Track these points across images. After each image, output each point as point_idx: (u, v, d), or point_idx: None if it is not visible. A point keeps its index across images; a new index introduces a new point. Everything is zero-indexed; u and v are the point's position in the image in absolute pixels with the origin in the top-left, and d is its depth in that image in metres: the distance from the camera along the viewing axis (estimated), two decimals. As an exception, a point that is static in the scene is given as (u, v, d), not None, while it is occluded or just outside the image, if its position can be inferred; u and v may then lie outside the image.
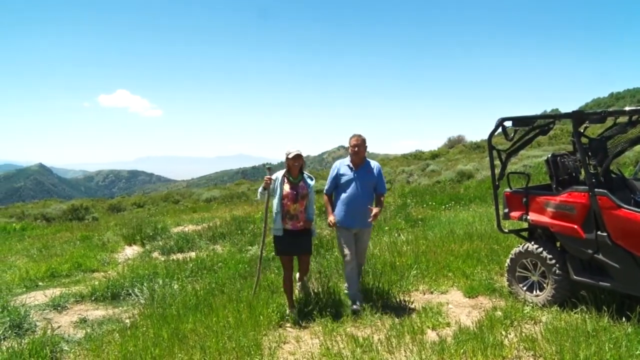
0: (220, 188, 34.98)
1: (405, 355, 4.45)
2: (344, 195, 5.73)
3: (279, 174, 5.62)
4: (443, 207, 13.24)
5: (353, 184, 5.70)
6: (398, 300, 5.89)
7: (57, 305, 6.83)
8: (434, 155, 37.77)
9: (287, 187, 5.54)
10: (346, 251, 5.74)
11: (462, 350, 4.35)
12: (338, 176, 5.81)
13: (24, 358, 4.82)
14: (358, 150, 5.68)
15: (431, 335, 4.90)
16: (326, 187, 5.93)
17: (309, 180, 5.69)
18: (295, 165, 5.53)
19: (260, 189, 5.72)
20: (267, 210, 5.72)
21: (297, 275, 6.04)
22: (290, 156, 5.50)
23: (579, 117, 5.12)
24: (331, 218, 5.72)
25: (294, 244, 5.59)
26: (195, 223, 14.55)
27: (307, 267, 5.97)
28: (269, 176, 5.58)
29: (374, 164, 5.88)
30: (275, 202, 5.55)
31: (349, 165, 5.78)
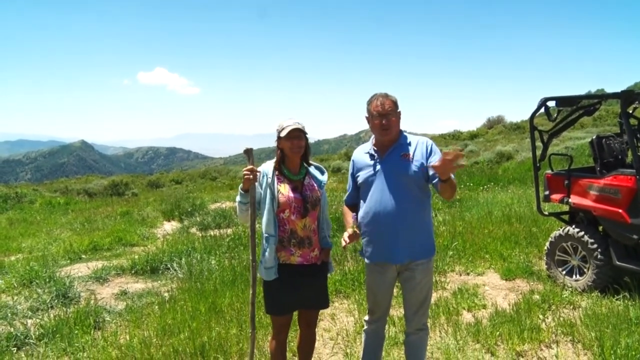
0: (258, 165, 35.14)
1: (440, 336, 4.44)
2: (365, 207, 3.24)
3: (268, 167, 3.25)
4: (481, 188, 13.05)
5: (377, 184, 3.18)
6: (433, 280, 5.85)
7: (99, 277, 7.06)
8: (473, 136, 37.12)
9: (285, 189, 3.18)
10: (370, 304, 3.43)
11: (497, 333, 4.32)
12: (356, 173, 3.36)
13: (69, 326, 5.01)
14: (387, 123, 3.11)
15: (467, 317, 4.88)
16: (346, 194, 3.49)
17: (318, 174, 3.34)
18: (295, 151, 3.16)
19: (238, 197, 3.20)
20: (253, 233, 3.23)
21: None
22: (283, 133, 3.12)
23: (628, 97, 4.93)
24: (348, 232, 3.09)
25: (301, 290, 3.19)
26: (232, 200, 14.75)
27: (313, 335, 3.46)
28: (250, 165, 3.10)
29: (418, 141, 3.26)
30: (264, 219, 3.16)
31: (370, 153, 3.28)
